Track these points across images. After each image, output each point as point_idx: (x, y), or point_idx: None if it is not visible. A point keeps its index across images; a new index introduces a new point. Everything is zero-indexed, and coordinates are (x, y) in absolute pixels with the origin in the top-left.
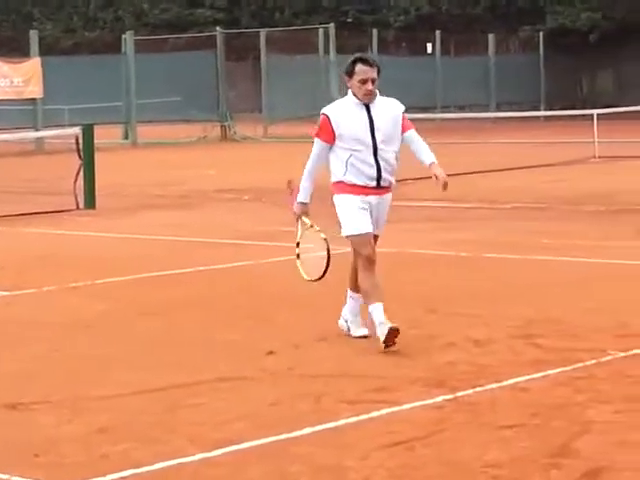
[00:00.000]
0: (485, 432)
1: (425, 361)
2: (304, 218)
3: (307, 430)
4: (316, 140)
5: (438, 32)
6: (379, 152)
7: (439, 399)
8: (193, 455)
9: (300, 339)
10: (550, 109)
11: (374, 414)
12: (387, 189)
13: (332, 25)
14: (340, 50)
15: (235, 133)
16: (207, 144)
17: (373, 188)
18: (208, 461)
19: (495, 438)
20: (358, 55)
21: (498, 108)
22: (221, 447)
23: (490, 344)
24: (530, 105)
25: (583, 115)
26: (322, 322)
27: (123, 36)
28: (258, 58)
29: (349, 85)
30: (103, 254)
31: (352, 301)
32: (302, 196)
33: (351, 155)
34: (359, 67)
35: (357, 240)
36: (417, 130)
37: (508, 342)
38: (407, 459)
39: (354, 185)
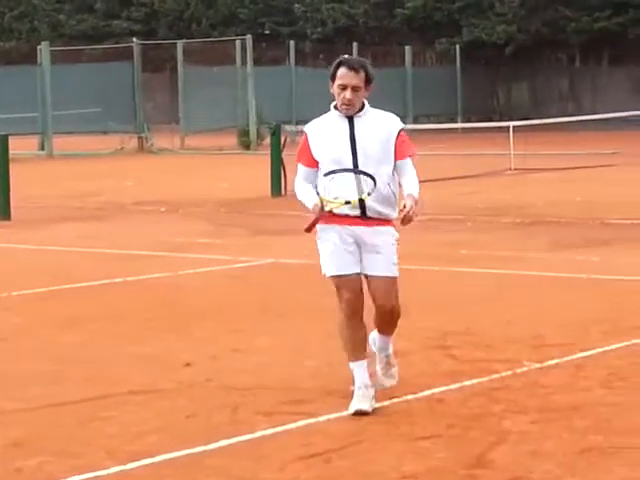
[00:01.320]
0: (402, 443)
1: (341, 373)
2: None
3: (223, 442)
4: (299, 165)
5: (355, 44)
6: (362, 175)
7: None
8: (108, 468)
9: (217, 351)
10: (467, 121)
11: (290, 426)
12: (379, 221)
13: (249, 37)
14: (257, 62)
15: (152, 145)
16: (124, 156)
17: (358, 218)
18: (124, 474)
19: (412, 449)
20: (343, 57)
21: (415, 120)
22: (136, 460)
23: (406, 355)
24: (447, 117)
25: (499, 127)
26: (239, 333)
27: (39, 47)
28: (175, 69)
29: (332, 92)
30: (18, 266)
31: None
32: (309, 203)
33: (332, 178)
34: (340, 70)
35: (335, 282)
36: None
37: (424, 353)
38: (324, 471)
39: (334, 214)
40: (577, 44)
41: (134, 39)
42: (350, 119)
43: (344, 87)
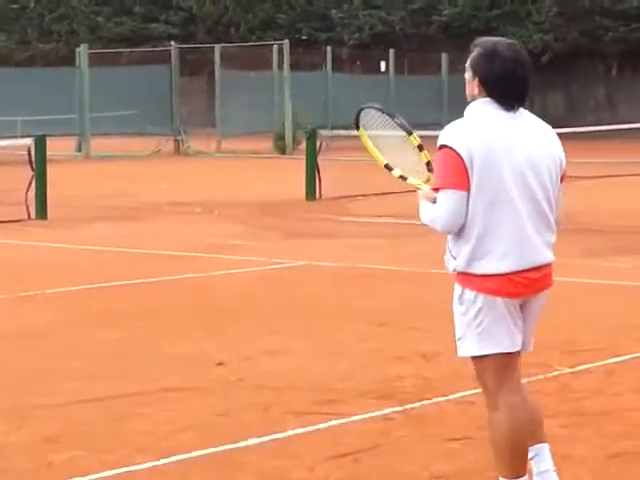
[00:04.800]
0: (432, 444)
1: (374, 374)
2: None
3: (254, 440)
4: None
5: (392, 51)
6: None
7: (387, 411)
8: (140, 464)
9: (250, 351)
10: None
11: (322, 425)
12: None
13: (287, 42)
14: (294, 67)
15: (188, 147)
16: (160, 158)
17: None
18: (155, 470)
19: (442, 450)
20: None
21: None
22: (168, 456)
23: (438, 358)
24: None
25: None
26: (272, 334)
27: (77, 49)
28: (212, 73)
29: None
30: (54, 264)
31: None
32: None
33: None
34: None
35: None
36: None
37: (456, 356)
38: (354, 470)
39: None
40: (614, 54)
41: (172, 43)
42: None
43: None
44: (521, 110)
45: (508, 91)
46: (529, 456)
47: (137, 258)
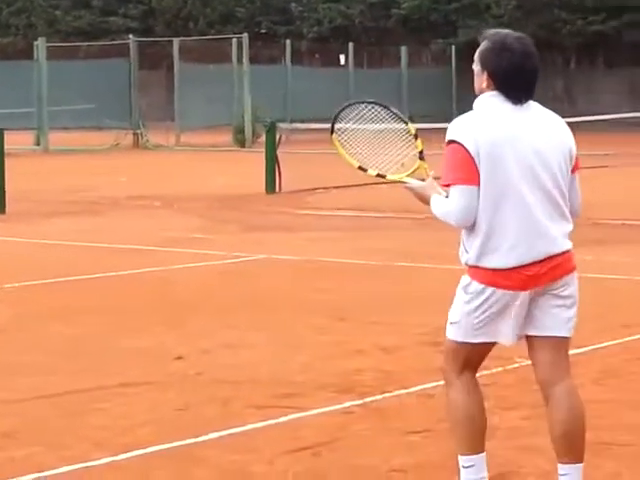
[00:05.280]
0: (392, 437)
1: (333, 367)
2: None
3: (214, 435)
4: None
5: (351, 44)
6: None
7: (347, 405)
8: (99, 459)
9: (209, 345)
10: None
11: (281, 419)
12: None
13: (246, 35)
14: (253, 60)
15: (147, 141)
16: (119, 152)
17: None
18: (114, 465)
19: (402, 443)
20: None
21: (411, 120)
22: (127, 451)
23: (398, 351)
24: (442, 117)
25: None
26: (231, 328)
27: (35, 43)
28: (171, 67)
29: None
30: (12, 259)
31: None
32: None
33: None
34: None
35: None
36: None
37: (416, 349)
38: (313, 464)
39: None
40: (572, 47)
41: (131, 36)
42: None
43: None
44: (530, 102)
45: (517, 84)
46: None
47: (96, 252)
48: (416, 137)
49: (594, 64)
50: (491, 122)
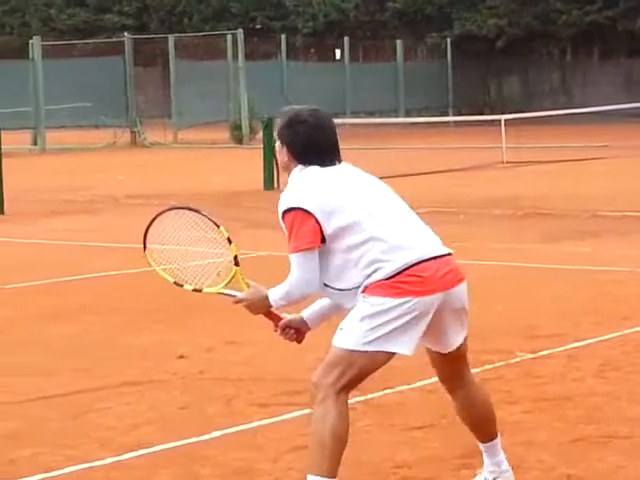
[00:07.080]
0: (395, 433)
1: None
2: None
3: (217, 433)
4: None
5: (346, 38)
6: None
7: (350, 401)
8: (103, 459)
9: (211, 343)
10: (458, 115)
11: (285, 417)
12: None
13: (240, 31)
14: (249, 56)
15: (145, 139)
16: (116, 150)
17: None
18: (119, 464)
19: (405, 439)
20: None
21: (407, 114)
22: (131, 451)
23: None
24: (439, 111)
25: (491, 120)
26: (234, 325)
27: (30, 41)
28: (167, 64)
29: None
30: (11, 259)
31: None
32: None
33: None
34: None
35: None
36: None
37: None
38: None
39: None
40: (568, 37)
41: (126, 34)
42: None
43: None
44: (342, 164)
45: (313, 154)
46: (483, 450)
47: (95, 251)
48: (229, 241)
49: (590, 55)
50: (321, 181)
